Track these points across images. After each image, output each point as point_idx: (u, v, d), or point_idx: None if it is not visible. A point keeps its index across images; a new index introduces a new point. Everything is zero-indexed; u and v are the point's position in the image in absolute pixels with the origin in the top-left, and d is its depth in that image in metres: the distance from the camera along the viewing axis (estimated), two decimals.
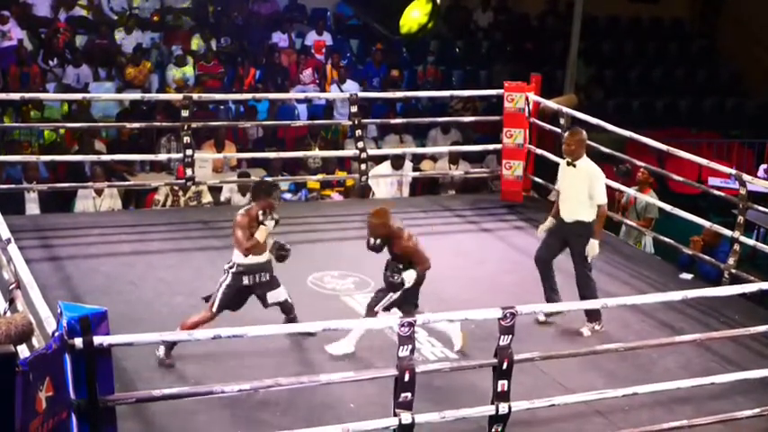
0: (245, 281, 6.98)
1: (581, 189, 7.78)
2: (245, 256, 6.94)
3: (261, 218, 6.94)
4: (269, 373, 6.44)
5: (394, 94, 13.14)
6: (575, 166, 7.87)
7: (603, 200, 7.81)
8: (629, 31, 19.03)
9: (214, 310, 6.94)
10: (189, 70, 14.83)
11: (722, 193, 9.64)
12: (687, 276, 9.30)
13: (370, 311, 7.11)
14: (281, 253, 7.14)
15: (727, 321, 8.12)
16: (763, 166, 13.58)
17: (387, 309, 7.10)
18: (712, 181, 12.78)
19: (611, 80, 17.91)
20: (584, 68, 16.89)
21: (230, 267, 6.97)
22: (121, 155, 11.49)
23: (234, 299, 6.99)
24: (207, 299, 7.03)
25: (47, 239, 9.05)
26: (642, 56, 18.50)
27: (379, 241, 7.11)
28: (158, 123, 12.23)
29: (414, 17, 7.53)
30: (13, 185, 10.83)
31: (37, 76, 13.93)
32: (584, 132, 8.00)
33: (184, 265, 7.99)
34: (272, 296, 7.13)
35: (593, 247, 7.74)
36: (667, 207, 9.64)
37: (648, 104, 17.47)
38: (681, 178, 10.01)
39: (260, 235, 6.90)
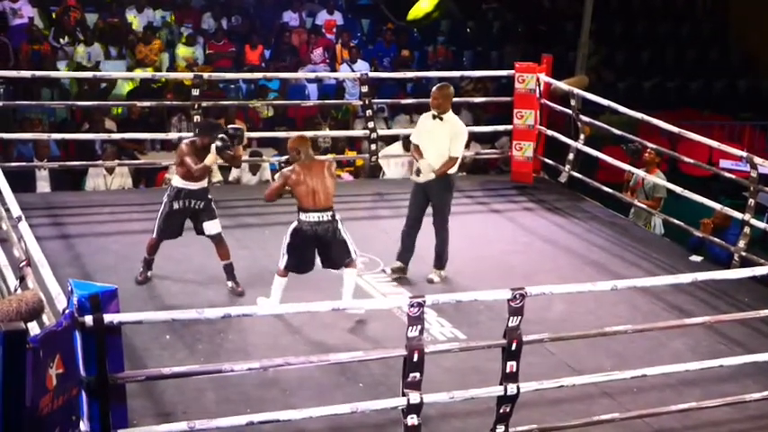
0: (175, 206, 7.57)
1: (443, 142, 7.94)
2: (197, 179, 7.48)
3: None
4: (278, 352, 6.47)
5: (404, 74, 13.08)
6: (441, 119, 8.02)
7: (457, 154, 7.99)
8: (641, 11, 18.93)
9: (155, 235, 7.68)
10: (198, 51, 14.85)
11: (733, 176, 9.60)
12: (697, 259, 9.28)
13: None
14: (227, 137, 7.40)
15: (737, 304, 8.11)
16: None
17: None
18: (723, 163, 12.73)
19: (622, 61, 17.83)
20: (596, 49, 16.81)
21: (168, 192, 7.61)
22: (132, 133, 11.50)
23: (169, 223, 7.62)
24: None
25: (57, 217, 9.08)
26: (654, 37, 18.40)
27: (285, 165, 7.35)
28: (169, 102, 12.22)
29: (422, 6, 7.67)
30: (24, 163, 10.82)
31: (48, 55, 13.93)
32: (452, 87, 8.18)
33: (194, 243, 7.98)
34: (208, 227, 7.65)
35: (424, 166, 7.93)
36: (678, 189, 9.61)
37: (660, 86, 17.40)
38: (692, 160, 9.99)
39: (209, 160, 7.36)
